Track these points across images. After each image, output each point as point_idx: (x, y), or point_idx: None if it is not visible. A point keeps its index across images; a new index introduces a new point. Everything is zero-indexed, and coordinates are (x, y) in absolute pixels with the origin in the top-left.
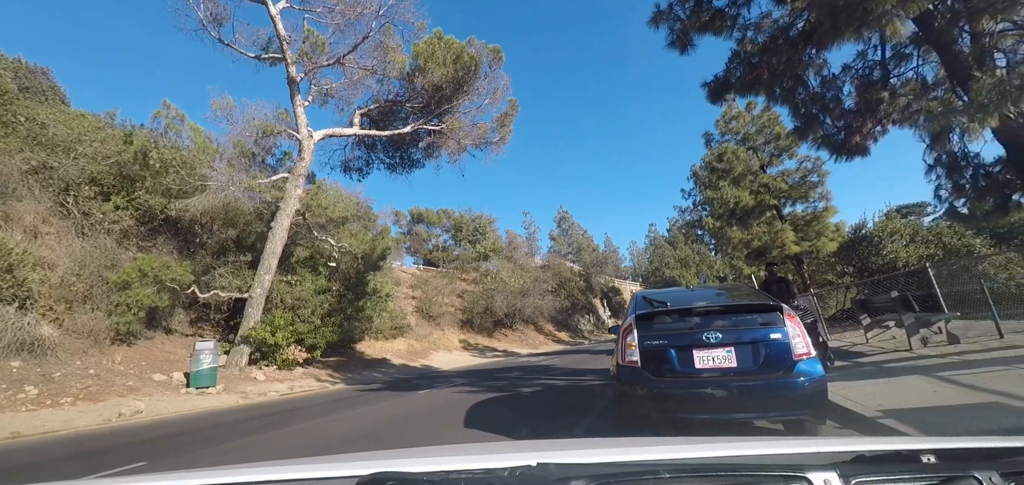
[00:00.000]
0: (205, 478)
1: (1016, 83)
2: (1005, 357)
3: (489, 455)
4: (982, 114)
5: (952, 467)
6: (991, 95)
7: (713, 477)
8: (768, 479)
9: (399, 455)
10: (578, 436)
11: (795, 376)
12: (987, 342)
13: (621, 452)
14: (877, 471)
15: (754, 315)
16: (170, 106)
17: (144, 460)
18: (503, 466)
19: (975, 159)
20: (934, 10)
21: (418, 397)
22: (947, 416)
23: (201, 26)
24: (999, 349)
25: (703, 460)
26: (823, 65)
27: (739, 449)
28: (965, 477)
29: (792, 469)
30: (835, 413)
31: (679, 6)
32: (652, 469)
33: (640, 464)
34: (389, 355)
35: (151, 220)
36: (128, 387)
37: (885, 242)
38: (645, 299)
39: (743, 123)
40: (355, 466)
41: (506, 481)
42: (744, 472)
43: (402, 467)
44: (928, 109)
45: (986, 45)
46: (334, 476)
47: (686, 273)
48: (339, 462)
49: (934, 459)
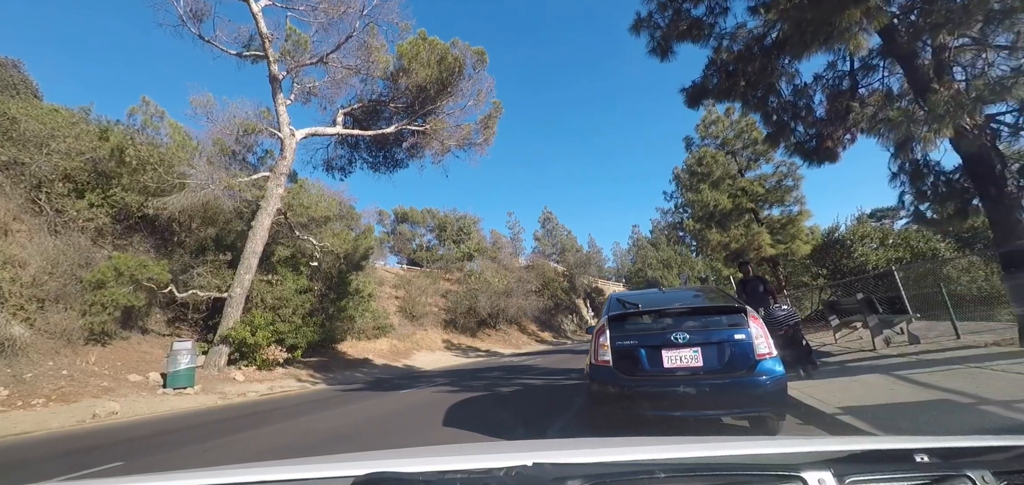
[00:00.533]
0: (201, 478)
1: (971, 96)
2: (958, 357)
3: (485, 455)
4: (939, 125)
5: (945, 466)
6: (948, 107)
7: (708, 476)
8: (763, 478)
9: (395, 455)
10: (552, 435)
11: (757, 375)
12: (945, 342)
13: (617, 452)
14: (871, 470)
15: (720, 316)
16: (148, 102)
17: (121, 460)
18: (499, 466)
19: (936, 167)
20: (898, 24)
21: (398, 397)
22: (898, 412)
23: (181, 21)
24: (954, 349)
25: (698, 460)
26: (794, 74)
27: (734, 449)
28: (958, 476)
29: (787, 468)
30: (799, 410)
31: (659, 14)
32: (647, 469)
33: (636, 464)
34: (371, 355)
35: (127, 218)
36: (103, 388)
37: (856, 245)
38: (619, 301)
39: (722, 128)
40: (351, 466)
41: (502, 481)
42: (739, 471)
43: (398, 467)
44: (890, 118)
45: (945, 59)
46: (330, 476)
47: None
48: (334, 462)
49: (928, 458)
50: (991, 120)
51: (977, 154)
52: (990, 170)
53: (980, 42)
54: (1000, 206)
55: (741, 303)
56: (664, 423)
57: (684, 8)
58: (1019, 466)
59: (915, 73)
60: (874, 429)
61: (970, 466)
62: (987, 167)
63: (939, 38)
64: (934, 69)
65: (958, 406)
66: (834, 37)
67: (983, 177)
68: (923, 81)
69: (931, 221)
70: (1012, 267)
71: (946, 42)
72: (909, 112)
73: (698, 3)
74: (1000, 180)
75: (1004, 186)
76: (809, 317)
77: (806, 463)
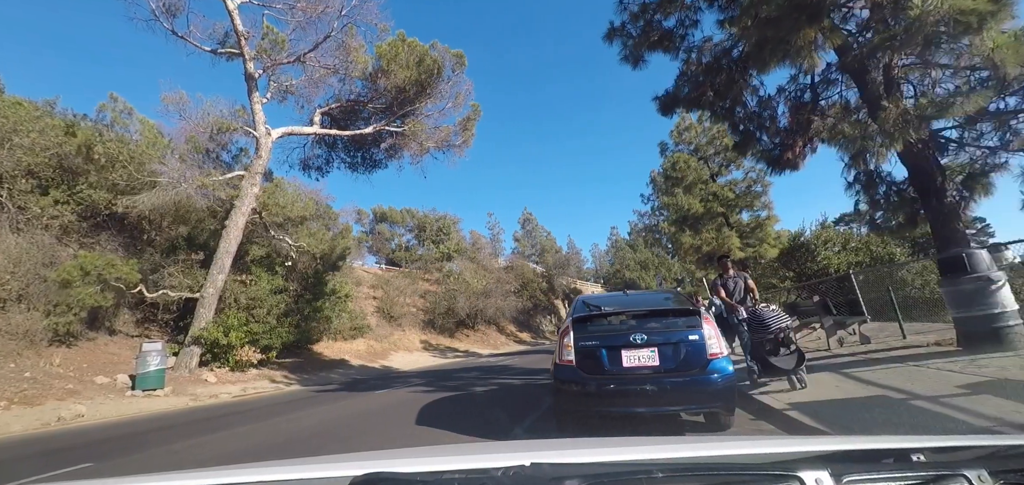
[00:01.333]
0: (199, 478)
1: (917, 114)
2: (901, 356)
3: (482, 455)
4: (888, 140)
5: (942, 466)
6: (896, 123)
7: (706, 476)
8: (760, 478)
9: (393, 455)
10: (522, 432)
11: (709, 373)
12: (892, 342)
13: (614, 452)
14: (868, 469)
15: (677, 318)
16: (118, 98)
17: (90, 461)
18: (496, 466)
19: (888, 177)
20: (852, 42)
21: (373, 397)
22: (840, 407)
23: (153, 16)
24: (899, 349)
25: (696, 460)
26: (759, 87)
27: (732, 448)
28: (954, 475)
29: (784, 467)
30: (751, 406)
31: (631, 24)
32: (645, 469)
33: (633, 464)
34: (348, 356)
35: (94, 216)
36: (68, 390)
37: (820, 249)
38: (584, 303)
39: (695, 134)
40: (348, 466)
41: (499, 481)
42: (737, 471)
43: (395, 467)
44: (843, 132)
45: (894, 76)
46: (327, 476)
47: (646, 275)
48: (332, 462)
49: (924, 457)
50: (936, 135)
51: (921, 167)
52: (932, 182)
53: (925, 62)
54: (941, 216)
55: (695, 306)
56: (625, 419)
57: (655, 19)
58: (1015, 465)
59: (867, 89)
60: (816, 422)
61: (966, 465)
62: (929, 179)
63: (887, 57)
64: (884, 86)
65: (892, 401)
66: (791, 55)
67: (926, 188)
68: (874, 97)
69: (884, 228)
70: (949, 273)
71: (894, 61)
72: (863, 126)
73: (669, 15)
74: (941, 191)
75: (944, 197)
76: None
77: (803, 462)
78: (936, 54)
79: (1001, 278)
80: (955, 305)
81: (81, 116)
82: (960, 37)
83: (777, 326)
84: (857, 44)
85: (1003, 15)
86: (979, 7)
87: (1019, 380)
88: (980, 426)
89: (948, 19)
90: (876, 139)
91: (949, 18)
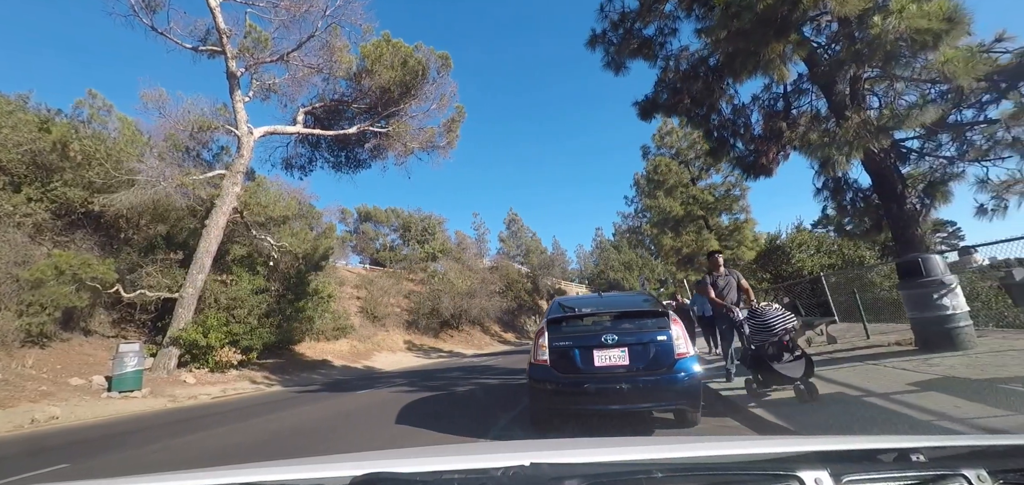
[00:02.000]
0: (198, 479)
1: (877, 125)
2: (863, 355)
3: (482, 455)
4: (850, 149)
5: (941, 465)
6: (857, 133)
7: (705, 476)
8: (760, 477)
9: (392, 455)
10: (499, 431)
11: (675, 372)
12: (856, 342)
13: (614, 452)
14: (867, 469)
15: (647, 319)
16: (96, 95)
17: (67, 462)
18: (496, 466)
19: (854, 184)
20: (820, 54)
21: (355, 397)
22: (799, 405)
23: (132, 11)
24: (863, 348)
25: (695, 459)
26: (734, 96)
27: (731, 448)
28: (954, 475)
29: (784, 467)
30: (720, 403)
31: (612, 32)
32: (645, 468)
33: (633, 464)
34: (330, 356)
35: (69, 213)
36: (41, 392)
37: (795, 252)
38: (560, 305)
39: (676, 138)
40: (347, 466)
41: (499, 481)
42: (736, 471)
43: (395, 468)
44: (810, 141)
45: (859, 88)
46: (326, 476)
47: (630, 276)
48: (332, 462)
49: (923, 457)
50: (898, 145)
51: (883, 175)
52: (893, 189)
53: (888, 75)
54: (900, 221)
55: (664, 308)
56: (598, 415)
57: (635, 27)
58: (1014, 465)
59: (834, 99)
60: (777, 419)
61: (965, 465)
62: (891, 186)
63: (852, 70)
64: (850, 97)
65: (848, 398)
66: (761, 67)
67: (887, 195)
68: (840, 107)
69: (851, 233)
70: (906, 276)
71: (860, 74)
72: (830, 135)
73: (648, 23)
74: (901, 198)
75: (904, 204)
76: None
77: (803, 462)
78: (897, 68)
79: (953, 282)
80: (912, 307)
81: (55, 111)
82: (918, 53)
83: (783, 327)
84: (826, 56)
85: (957, 33)
86: (934, 26)
87: (964, 378)
88: (922, 420)
89: (906, 36)
90: (841, 148)
91: (907, 36)
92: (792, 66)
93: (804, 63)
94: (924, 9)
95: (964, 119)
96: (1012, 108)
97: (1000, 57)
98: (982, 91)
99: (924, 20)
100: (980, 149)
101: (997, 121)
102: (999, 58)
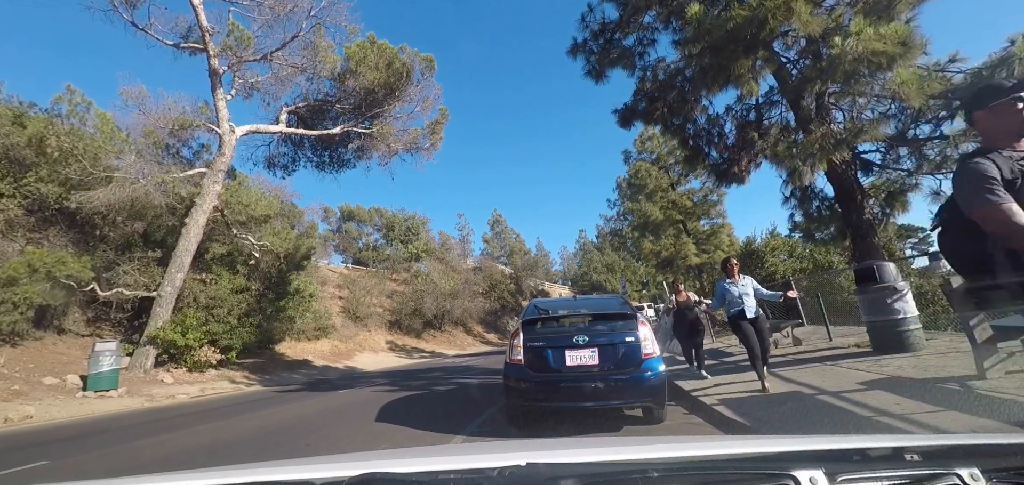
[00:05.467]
0: (195, 479)
1: (838, 138)
2: (823, 356)
3: (478, 455)
4: (814, 160)
5: (935, 464)
6: (820, 145)
7: (701, 475)
8: (755, 477)
9: (388, 455)
10: (475, 428)
11: (642, 372)
12: (819, 344)
13: (610, 452)
14: (862, 468)
15: (616, 321)
16: (75, 91)
17: (45, 459)
18: (492, 466)
19: (820, 193)
20: (791, 69)
21: (335, 396)
22: (760, 401)
23: (111, 6)
24: (825, 349)
25: (691, 459)
26: (709, 106)
27: (726, 448)
28: (948, 474)
29: (779, 466)
30: (686, 401)
31: (593, 42)
32: (641, 468)
33: (629, 463)
34: (311, 356)
35: (42, 209)
36: (14, 391)
37: (768, 256)
38: (536, 307)
39: (656, 144)
40: (343, 467)
41: (495, 481)
42: (732, 470)
43: (391, 468)
44: (778, 153)
45: (824, 102)
46: (322, 477)
47: (612, 278)
48: (328, 462)
49: (918, 456)
50: (859, 157)
51: (844, 185)
52: (853, 199)
53: (851, 92)
54: (860, 229)
55: (633, 310)
56: (570, 413)
57: (615, 37)
58: (1007, 463)
59: (800, 113)
60: (738, 415)
61: (959, 463)
62: (851, 196)
63: (817, 86)
64: (815, 111)
65: (803, 396)
66: (732, 80)
67: (848, 204)
68: (806, 120)
69: (817, 239)
70: (862, 281)
71: (825, 89)
72: (796, 145)
73: (628, 34)
74: (860, 207)
75: (863, 213)
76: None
77: (798, 461)
78: (857, 86)
79: (905, 288)
80: (867, 311)
81: (29, 104)
82: (875, 73)
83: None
84: (794, 72)
85: (910, 56)
86: (889, 50)
87: (908, 378)
88: (865, 416)
89: (863, 58)
90: (806, 159)
91: (864, 57)
92: (763, 81)
93: (774, 77)
94: (880, 32)
95: (921, 134)
96: (962, 126)
97: (954, 77)
98: (938, 107)
99: (879, 43)
100: (934, 163)
101: (949, 137)
102: (953, 78)
